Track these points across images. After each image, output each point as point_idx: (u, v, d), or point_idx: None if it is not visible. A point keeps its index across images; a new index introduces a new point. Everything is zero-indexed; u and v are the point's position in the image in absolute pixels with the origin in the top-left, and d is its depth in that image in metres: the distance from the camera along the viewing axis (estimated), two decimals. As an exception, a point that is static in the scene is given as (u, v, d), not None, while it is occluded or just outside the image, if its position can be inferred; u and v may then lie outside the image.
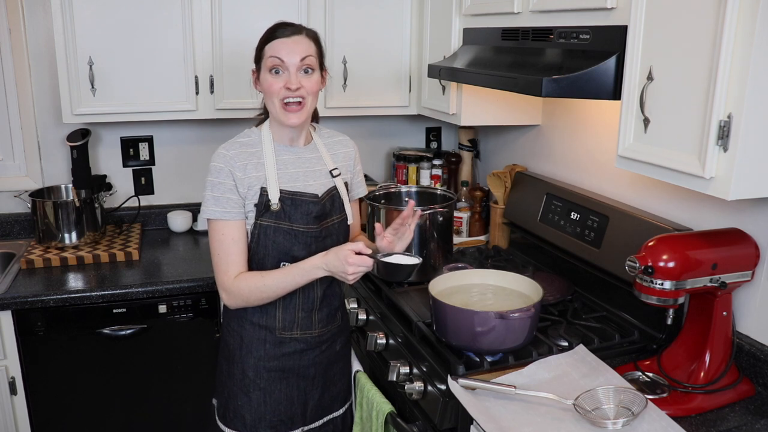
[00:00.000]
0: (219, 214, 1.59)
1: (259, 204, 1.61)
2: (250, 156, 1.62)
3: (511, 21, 1.89)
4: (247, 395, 1.68)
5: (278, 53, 1.58)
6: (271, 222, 1.61)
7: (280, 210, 1.61)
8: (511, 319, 1.53)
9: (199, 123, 2.73)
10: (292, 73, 1.58)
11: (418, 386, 1.63)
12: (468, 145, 2.83)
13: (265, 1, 2.39)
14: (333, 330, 1.76)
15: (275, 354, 1.68)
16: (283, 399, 1.70)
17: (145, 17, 2.28)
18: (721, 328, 1.49)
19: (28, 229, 2.62)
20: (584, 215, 2.00)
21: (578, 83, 1.48)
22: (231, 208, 1.59)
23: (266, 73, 1.60)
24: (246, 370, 1.68)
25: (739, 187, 1.22)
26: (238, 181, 1.59)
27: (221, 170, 1.59)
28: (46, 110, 2.60)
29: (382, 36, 2.55)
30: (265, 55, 1.60)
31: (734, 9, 1.16)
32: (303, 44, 1.60)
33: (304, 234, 1.64)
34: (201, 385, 2.29)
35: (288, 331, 1.68)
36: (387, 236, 1.64)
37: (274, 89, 1.59)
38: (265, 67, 1.60)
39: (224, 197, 1.59)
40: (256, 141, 1.65)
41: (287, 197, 1.62)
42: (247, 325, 1.68)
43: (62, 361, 2.16)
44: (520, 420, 1.36)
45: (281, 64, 1.58)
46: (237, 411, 1.70)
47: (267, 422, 1.69)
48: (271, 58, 1.58)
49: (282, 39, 1.59)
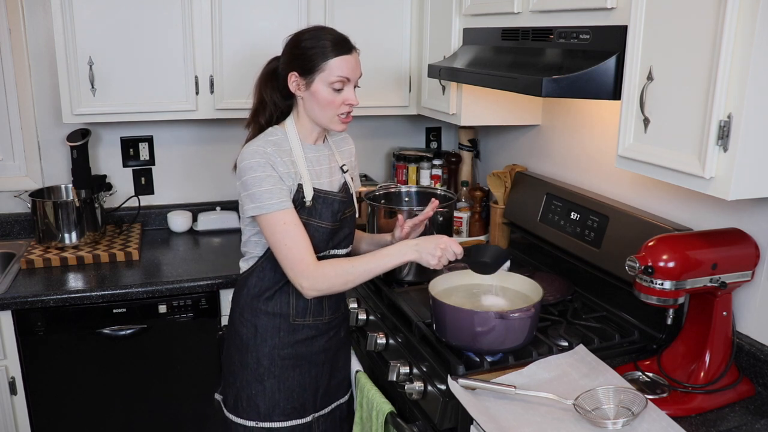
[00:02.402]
0: (277, 205, 1.58)
1: (295, 200, 1.64)
2: (284, 153, 1.64)
3: (511, 21, 1.89)
4: (261, 384, 1.72)
5: (345, 73, 1.61)
6: (303, 218, 1.64)
7: (312, 207, 1.65)
8: (511, 319, 1.54)
9: (199, 123, 2.73)
10: (351, 88, 1.64)
11: (418, 386, 1.63)
12: (468, 145, 2.83)
13: (265, 1, 2.39)
14: (339, 317, 1.82)
15: (289, 341, 1.72)
16: (296, 386, 1.75)
17: (145, 17, 2.29)
18: (721, 328, 1.49)
19: (28, 229, 2.62)
20: (584, 215, 2.00)
21: (578, 83, 1.48)
22: (285, 197, 1.60)
23: (326, 86, 1.61)
24: (261, 358, 1.72)
25: (739, 187, 1.22)
26: (282, 176, 1.61)
27: (264, 165, 1.59)
28: (46, 110, 2.60)
29: (382, 36, 2.55)
30: (328, 70, 1.60)
31: (734, 9, 1.16)
32: (359, 61, 1.66)
33: (325, 229, 1.68)
34: (201, 385, 2.29)
35: (301, 317, 1.72)
36: (406, 228, 1.78)
37: (335, 104, 1.63)
38: (325, 81, 1.61)
39: (276, 188, 1.59)
40: (283, 139, 1.67)
41: (319, 195, 1.67)
42: (261, 315, 1.72)
43: (62, 361, 2.16)
44: (520, 420, 1.36)
45: (347, 83, 1.63)
46: (251, 400, 1.73)
47: (281, 410, 1.73)
48: (338, 76, 1.60)
49: (347, 56, 1.62)
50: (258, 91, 1.72)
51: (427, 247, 1.58)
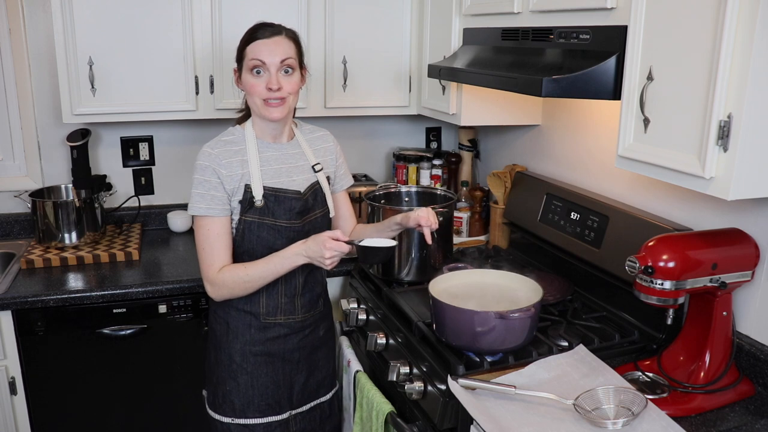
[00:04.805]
0: (204, 210, 1.64)
1: (244, 200, 1.66)
2: (235, 154, 1.66)
3: (511, 21, 1.89)
4: (235, 380, 1.74)
5: (259, 55, 1.62)
6: (255, 218, 1.67)
7: (263, 206, 1.67)
8: (511, 319, 1.54)
9: (199, 123, 2.73)
10: (273, 73, 1.63)
11: (418, 386, 1.63)
12: (468, 145, 2.83)
13: (265, 1, 2.39)
14: (316, 315, 1.83)
15: (260, 338, 1.74)
16: (270, 383, 1.76)
17: (146, 17, 2.28)
18: (721, 328, 1.49)
19: (28, 229, 2.62)
20: (584, 215, 2.00)
21: (578, 83, 1.48)
22: (215, 205, 1.64)
23: (248, 73, 1.64)
24: (233, 355, 1.74)
25: (739, 187, 1.22)
26: (224, 179, 1.64)
27: (206, 168, 1.64)
28: (46, 110, 2.60)
29: (382, 36, 2.55)
30: (246, 56, 1.64)
31: (734, 9, 1.16)
32: (283, 45, 1.64)
33: (287, 229, 1.69)
34: (201, 385, 2.29)
35: (272, 316, 1.74)
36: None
37: (256, 90, 1.63)
38: (246, 68, 1.64)
39: (209, 194, 1.63)
40: (240, 139, 1.70)
41: (271, 194, 1.67)
42: (232, 312, 1.74)
43: (62, 361, 2.16)
44: (520, 420, 1.36)
45: (262, 66, 1.62)
46: (226, 396, 1.75)
47: (255, 406, 1.75)
48: (252, 60, 1.62)
49: (262, 40, 1.63)
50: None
51: (315, 251, 1.57)
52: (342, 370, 2.02)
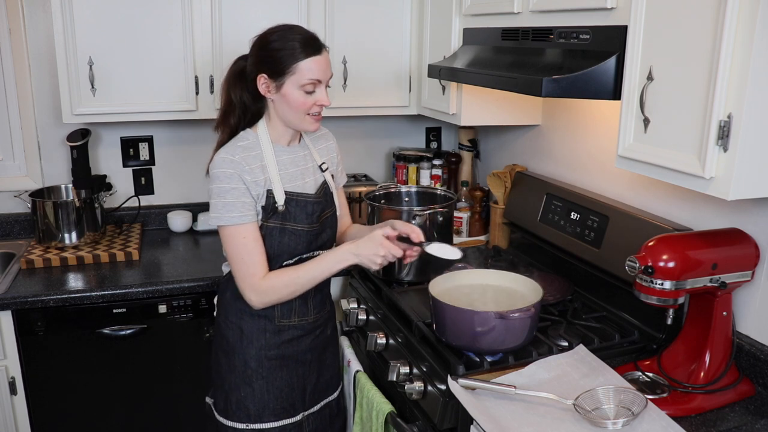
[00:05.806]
0: (237, 219, 1.58)
1: (266, 206, 1.63)
2: (254, 159, 1.62)
3: (511, 21, 1.89)
4: (250, 386, 1.72)
5: (316, 74, 1.57)
6: (277, 223, 1.64)
7: (285, 211, 1.64)
8: (511, 319, 1.54)
9: (199, 123, 2.73)
10: (323, 89, 1.60)
11: (418, 386, 1.63)
12: (468, 145, 2.83)
13: (265, 2, 2.39)
14: (325, 315, 1.83)
15: (275, 342, 1.72)
16: (285, 386, 1.75)
17: (145, 17, 2.28)
18: (721, 328, 1.49)
19: (28, 229, 2.62)
20: (584, 215, 2.00)
21: (578, 83, 1.48)
22: (247, 212, 1.60)
23: (296, 88, 1.57)
24: (248, 360, 1.72)
25: (739, 187, 1.22)
26: (249, 185, 1.60)
27: (231, 176, 1.58)
28: (46, 110, 2.60)
29: (382, 36, 2.55)
30: (297, 72, 1.56)
31: (734, 9, 1.16)
32: (329, 60, 1.62)
33: (307, 233, 1.68)
34: (201, 386, 2.28)
35: (286, 318, 1.72)
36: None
37: (308, 106, 1.60)
38: (296, 83, 1.57)
39: (239, 202, 1.58)
40: (255, 143, 1.65)
41: (292, 198, 1.65)
42: (246, 317, 1.71)
43: (62, 361, 2.16)
44: (520, 420, 1.36)
45: (318, 84, 1.59)
46: (240, 403, 1.72)
47: (271, 410, 1.73)
48: (309, 79, 1.56)
49: (315, 57, 1.57)
50: (225, 91, 1.68)
51: (368, 253, 1.56)
52: (342, 370, 2.02)
